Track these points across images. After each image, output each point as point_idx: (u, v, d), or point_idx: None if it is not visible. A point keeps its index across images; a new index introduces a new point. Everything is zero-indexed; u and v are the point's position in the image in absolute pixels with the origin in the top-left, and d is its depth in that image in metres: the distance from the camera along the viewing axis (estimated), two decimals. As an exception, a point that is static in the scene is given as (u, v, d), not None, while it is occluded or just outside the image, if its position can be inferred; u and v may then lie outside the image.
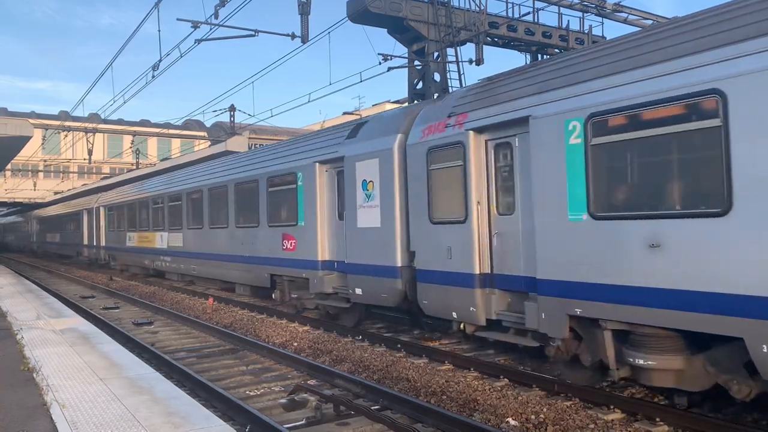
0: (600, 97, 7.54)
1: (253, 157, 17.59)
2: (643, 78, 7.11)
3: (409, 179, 10.94)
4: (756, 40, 6.17)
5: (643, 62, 7.19)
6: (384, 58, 17.13)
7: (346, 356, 10.82)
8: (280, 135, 35.23)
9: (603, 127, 7.50)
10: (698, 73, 6.58)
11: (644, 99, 7.03)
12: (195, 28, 14.96)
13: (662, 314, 6.82)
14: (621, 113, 7.29)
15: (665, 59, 6.98)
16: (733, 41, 6.38)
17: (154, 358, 11.01)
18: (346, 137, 12.93)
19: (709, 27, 6.75)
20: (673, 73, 6.82)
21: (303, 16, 15.32)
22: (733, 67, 6.29)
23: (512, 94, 8.97)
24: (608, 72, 7.59)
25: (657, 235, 6.85)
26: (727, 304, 6.23)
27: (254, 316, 15.64)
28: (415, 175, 10.75)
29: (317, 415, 7.52)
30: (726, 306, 6.24)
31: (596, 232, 7.54)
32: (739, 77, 6.22)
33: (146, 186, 27.49)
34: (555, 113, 8.11)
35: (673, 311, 6.72)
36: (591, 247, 7.60)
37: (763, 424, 6.97)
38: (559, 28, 20.51)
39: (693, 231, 6.54)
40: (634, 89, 7.16)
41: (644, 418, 7.19)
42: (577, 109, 7.80)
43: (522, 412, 7.46)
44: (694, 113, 6.63)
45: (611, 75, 7.53)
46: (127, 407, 5.90)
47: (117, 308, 18.94)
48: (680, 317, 6.66)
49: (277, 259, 15.31)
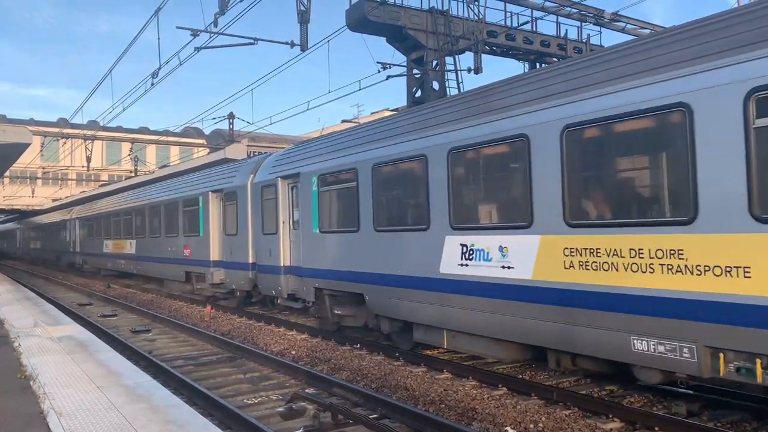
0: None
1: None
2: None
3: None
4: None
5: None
6: (383, 66, 17.20)
7: (344, 365, 10.79)
8: (279, 143, 35.22)
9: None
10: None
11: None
12: (194, 36, 15.01)
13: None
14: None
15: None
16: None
17: (152, 366, 10.96)
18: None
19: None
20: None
21: (302, 24, 15.38)
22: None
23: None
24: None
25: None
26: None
27: (252, 324, 15.60)
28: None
29: (315, 423, 7.49)
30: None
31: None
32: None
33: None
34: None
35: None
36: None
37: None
38: (558, 37, 20.60)
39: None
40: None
41: (643, 427, 7.17)
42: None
43: (521, 420, 7.44)
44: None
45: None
46: (125, 415, 5.87)
47: (115, 316, 18.88)
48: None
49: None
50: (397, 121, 11.40)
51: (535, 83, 8.55)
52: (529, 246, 8.19)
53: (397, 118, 11.63)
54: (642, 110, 6.86)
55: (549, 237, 7.91)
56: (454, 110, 9.84)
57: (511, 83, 9.11)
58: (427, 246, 10.03)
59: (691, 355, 6.37)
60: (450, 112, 9.90)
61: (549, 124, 7.94)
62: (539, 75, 8.77)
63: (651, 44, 7.21)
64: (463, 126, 9.37)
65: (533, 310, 8.11)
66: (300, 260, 13.92)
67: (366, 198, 11.50)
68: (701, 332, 6.27)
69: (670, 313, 6.54)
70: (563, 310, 7.68)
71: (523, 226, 8.28)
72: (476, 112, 9.24)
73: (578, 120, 7.57)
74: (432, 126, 10.09)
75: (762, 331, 5.79)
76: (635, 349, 6.90)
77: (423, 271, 10.11)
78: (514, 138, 8.43)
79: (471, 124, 9.22)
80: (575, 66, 8.09)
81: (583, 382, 9.28)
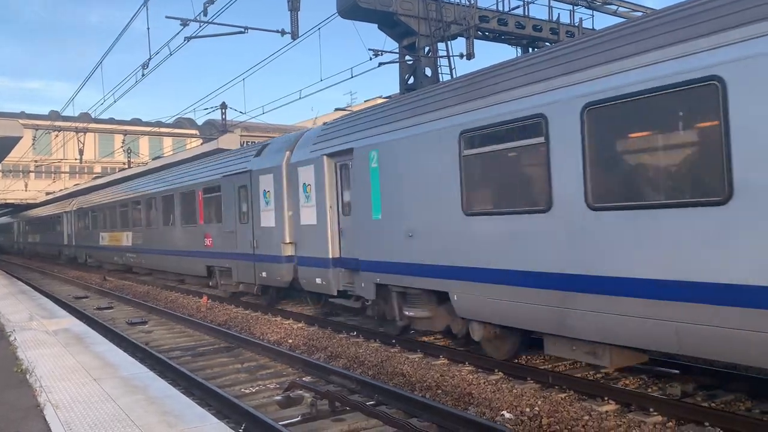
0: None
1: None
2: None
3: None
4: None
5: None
6: (375, 53, 17.10)
7: (341, 352, 10.82)
8: (273, 132, 35.10)
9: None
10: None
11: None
12: (184, 25, 14.89)
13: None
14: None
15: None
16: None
17: (148, 358, 10.98)
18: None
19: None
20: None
21: (292, 12, 15.29)
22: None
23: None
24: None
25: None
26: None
27: (249, 314, 15.62)
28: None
29: (312, 411, 7.53)
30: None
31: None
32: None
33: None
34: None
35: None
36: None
37: (756, 413, 7.02)
38: (550, 21, 20.51)
39: None
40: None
41: (638, 408, 7.23)
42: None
43: (517, 404, 7.48)
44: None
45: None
46: (121, 407, 5.88)
47: (111, 308, 18.87)
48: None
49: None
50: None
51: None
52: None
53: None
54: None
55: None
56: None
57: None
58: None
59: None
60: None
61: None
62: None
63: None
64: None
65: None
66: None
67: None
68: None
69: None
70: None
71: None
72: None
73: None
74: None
75: None
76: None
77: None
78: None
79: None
80: None
81: (578, 366, 9.33)
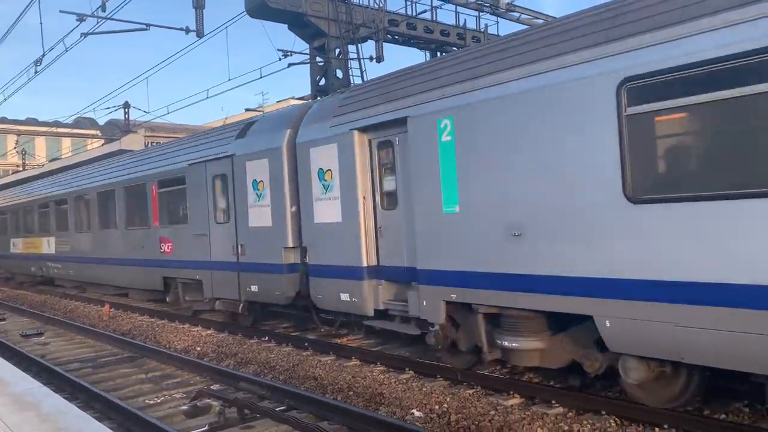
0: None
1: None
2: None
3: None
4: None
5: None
6: (284, 54, 16.92)
7: (252, 358, 10.62)
8: (179, 132, 34.03)
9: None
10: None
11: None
12: (81, 21, 14.17)
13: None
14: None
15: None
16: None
17: (44, 371, 10.36)
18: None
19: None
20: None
21: (197, 9, 14.88)
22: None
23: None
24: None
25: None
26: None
27: (154, 322, 15.04)
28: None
29: (221, 420, 7.34)
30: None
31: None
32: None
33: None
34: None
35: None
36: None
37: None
38: (457, 27, 21.00)
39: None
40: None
41: (541, 401, 7.50)
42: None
43: (426, 402, 7.60)
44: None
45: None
46: (9, 426, 5.50)
47: (3, 320, 17.66)
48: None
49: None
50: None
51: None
52: None
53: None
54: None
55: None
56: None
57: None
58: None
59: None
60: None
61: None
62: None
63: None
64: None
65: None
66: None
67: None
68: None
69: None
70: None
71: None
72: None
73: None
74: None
75: None
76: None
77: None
78: None
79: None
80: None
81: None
